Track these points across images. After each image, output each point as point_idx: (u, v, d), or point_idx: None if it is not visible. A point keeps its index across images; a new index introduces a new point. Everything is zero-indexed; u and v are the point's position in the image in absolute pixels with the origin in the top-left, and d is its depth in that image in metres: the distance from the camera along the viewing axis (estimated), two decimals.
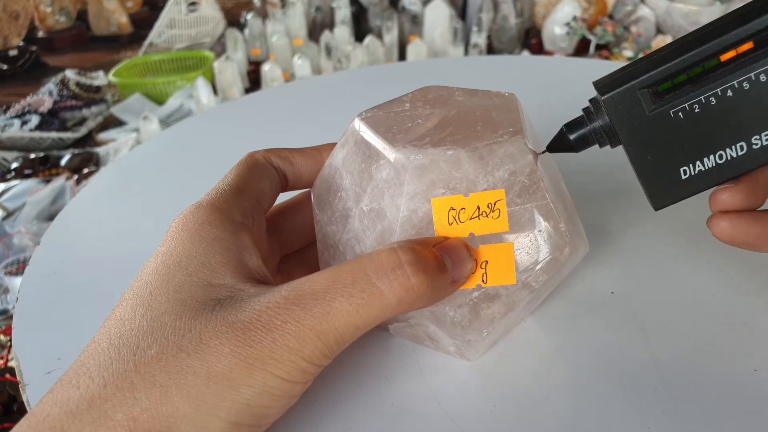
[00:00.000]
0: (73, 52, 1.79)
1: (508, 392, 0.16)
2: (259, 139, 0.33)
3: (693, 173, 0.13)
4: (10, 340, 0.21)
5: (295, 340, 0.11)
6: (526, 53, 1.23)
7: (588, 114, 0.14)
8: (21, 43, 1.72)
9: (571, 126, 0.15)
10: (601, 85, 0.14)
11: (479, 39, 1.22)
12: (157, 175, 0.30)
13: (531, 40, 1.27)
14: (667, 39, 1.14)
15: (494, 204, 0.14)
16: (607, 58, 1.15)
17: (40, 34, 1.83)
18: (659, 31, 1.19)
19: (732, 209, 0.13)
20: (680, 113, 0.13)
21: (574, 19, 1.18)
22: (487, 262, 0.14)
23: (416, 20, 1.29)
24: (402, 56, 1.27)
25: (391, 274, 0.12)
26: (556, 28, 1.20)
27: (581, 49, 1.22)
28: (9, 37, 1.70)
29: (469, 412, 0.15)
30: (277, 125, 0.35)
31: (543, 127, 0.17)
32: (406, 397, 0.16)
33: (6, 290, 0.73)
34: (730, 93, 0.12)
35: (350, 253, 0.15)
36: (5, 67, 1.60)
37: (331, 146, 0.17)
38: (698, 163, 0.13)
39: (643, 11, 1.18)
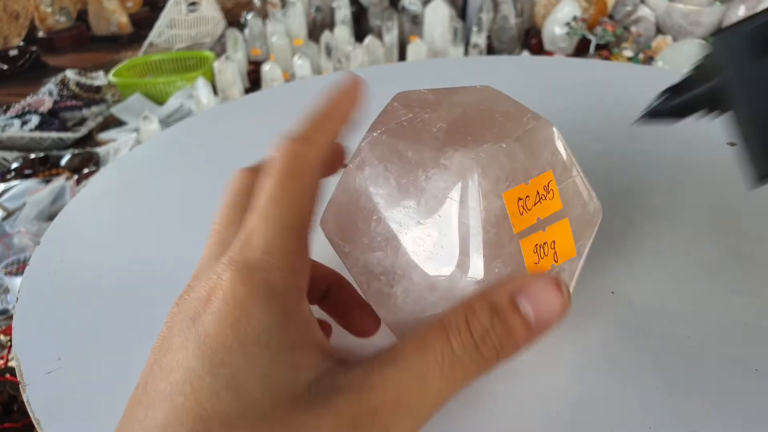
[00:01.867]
0: (73, 52, 1.79)
1: (509, 392, 0.16)
2: (259, 139, 0.33)
3: None
4: (11, 340, 0.21)
5: (393, 423, 0.11)
6: (526, 53, 1.23)
7: (694, 75, 0.12)
8: (21, 43, 1.72)
9: (675, 89, 0.13)
10: (715, 31, 0.12)
11: (479, 39, 1.22)
12: (158, 175, 0.30)
13: (531, 40, 1.28)
14: (667, 39, 1.14)
15: (547, 185, 0.14)
16: (607, 58, 1.15)
17: (41, 34, 1.83)
18: (659, 31, 1.19)
19: None
20: None
21: (574, 19, 1.18)
22: (554, 241, 0.14)
23: (416, 20, 1.29)
24: (402, 56, 1.27)
25: (472, 350, 0.11)
26: (556, 28, 1.20)
27: (581, 49, 1.22)
28: (9, 37, 1.70)
29: (469, 411, 0.15)
30: (277, 125, 0.35)
31: None
32: None
33: (6, 290, 0.73)
34: None
35: (416, 273, 0.14)
36: (5, 67, 1.60)
37: (339, 99, 0.14)
38: None
39: (643, 11, 1.18)
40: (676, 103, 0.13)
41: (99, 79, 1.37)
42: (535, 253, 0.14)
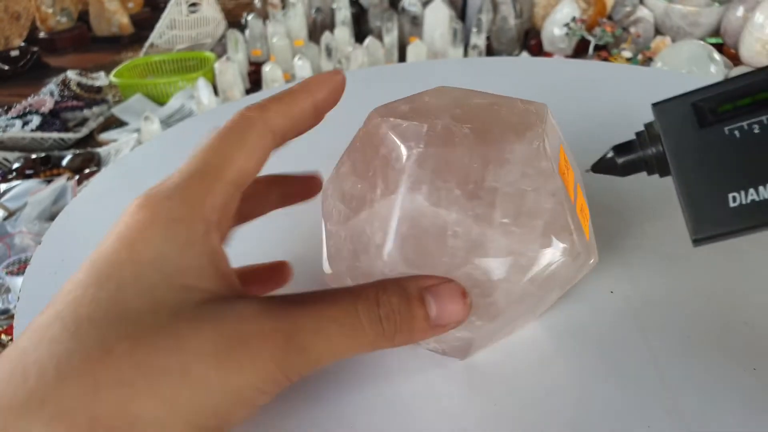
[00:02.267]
0: (75, 53, 1.79)
1: (509, 392, 0.16)
2: None
3: (744, 201, 0.12)
4: (12, 340, 0.21)
5: (280, 351, 0.11)
6: (525, 54, 1.23)
7: (640, 138, 0.13)
8: (22, 44, 1.72)
9: (621, 149, 0.13)
10: (658, 101, 0.13)
11: (479, 40, 1.22)
12: (158, 175, 0.30)
13: (530, 41, 1.28)
14: (666, 40, 1.14)
15: (565, 156, 0.15)
16: (606, 59, 1.15)
17: (42, 34, 1.83)
18: (658, 32, 1.19)
19: None
20: (737, 132, 0.11)
21: (573, 20, 1.18)
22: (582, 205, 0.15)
23: (416, 21, 1.29)
24: (402, 57, 1.27)
25: (374, 319, 0.12)
26: (555, 29, 1.20)
27: (580, 50, 1.22)
28: (10, 37, 1.70)
29: (469, 411, 0.15)
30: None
31: None
32: (406, 397, 0.16)
33: (7, 290, 0.73)
34: None
35: (512, 274, 0.14)
36: (7, 67, 1.60)
37: (318, 83, 0.15)
38: (751, 190, 0.11)
39: (642, 12, 1.19)
40: (621, 161, 0.13)
41: (100, 79, 1.37)
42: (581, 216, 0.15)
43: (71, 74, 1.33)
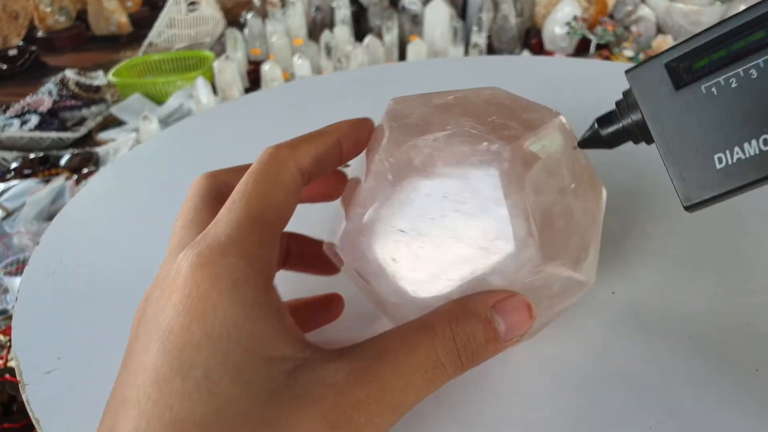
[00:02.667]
0: (73, 52, 1.79)
1: (509, 392, 0.16)
2: (259, 139, 0.33)
3: (731, 161, 0.11)
4: (10, 340, 0.21)
5: (377, 416, 0.11)
6: (526, 53, 1.23)
7: (620, 107, 0.13)
8: (20, 43, 1.72)
9: (603, 121, 0.13)
10: (630, 67, 0.12)
11: (479, 39, 1.22)
12: (157, 175, 0.30)
13: (531, 39, 1.27)
14: (668, 39, 1.14)
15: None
16: (607, 58, 1.15)
17: (40, 33, 1.82)
18: (659, 30, 1.19)
19: None
20: (714, 89, 0.11)
21: (575, 18, 1.18)
22: None
23: (416, 20, 1.29)
24: (402, 56, 1.27)
25: (454, 357, 0.12)
26: (556, 27, 1.20)
27: (581, 48, 1.22)
28: (8, 36, 1.70)
29: (469, 412, 0.15)
30: (277, 125, 0.35)
31: None
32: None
33: (5, 290, 0.73)
34: None
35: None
36: (5, 66, 1.60)
37: (349, 127, 0.15)
38: (737, 149, 0.11)
39: (644, 11, 1.18)
40: (605, 133, 0.13)
41: (98, 78, 1.37)
42: None
43: (70, 73, 1.32)
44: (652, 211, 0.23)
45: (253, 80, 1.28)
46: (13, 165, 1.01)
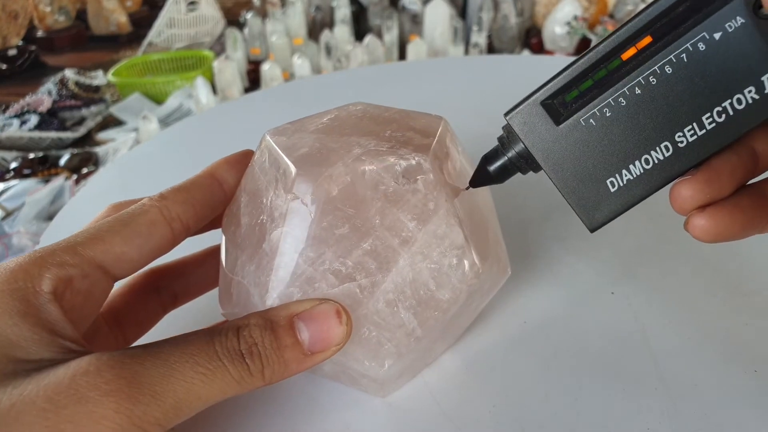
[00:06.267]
0: (73, 52, 1.79)
1: (508, 392, 0.16)
2: (259, 138, 0.33)
3: (622, 183, 0.12)
4: None
5: (127, 401, 0.10)
6: (526, 53, 1.23)
7: (502, 142, 0.14)
8: (20, 43, 1.72)
9: (489, 157, 0.14)
10: (509, 109, 0.13)
11: (479, 38, 1.22)
12: (157, 174, 0.30)
13: (531, 39, 1.27)
14: None
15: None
16: None
17: (40, 33, 1.82)
18: None
19: (696, 205, 0.12)
20: (591, 120, 0.12)
21: (575, 18, 1.18)
22: None
23: (416, 19, 1.29)
24: (402, 56, 1.26)
25: (235, 356, 0.11)
26: (556, 27, 1.20)
27: (582, 48, 1.21)
28: (8, 36, 1.70)
29: (469, 412, 0.15)
30: (277, 125, 0.35)
31: None
32: (405, 399, 0.16)
33: None
34: (638, 91, 0.11)
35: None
36: (4, 66, 1.60)
37: (226, 164, 0.15)
38: (624, 171, 0.12)
39: None
40: (492, 169, 0.14)
41: (98, 78, 1.37)
42: None
43: (69, 73, 1.32)
44: (651, 212, 0.23)
45: (253, 80, 1.27)
46: (13, 165, 1.01)
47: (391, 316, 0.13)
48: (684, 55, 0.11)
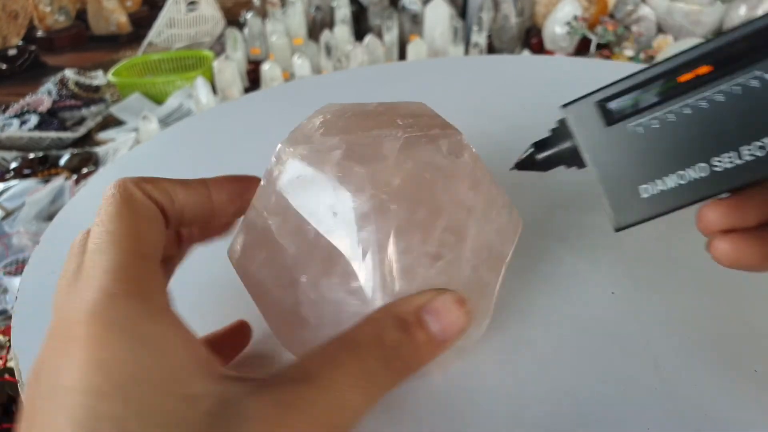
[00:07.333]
0: (73, 52, 1.79)
1: (509, 392, 0.16)
2: (259, 138, 0.33)
3: (654, 192, 0.13)
4: (9, 341, 0.21)
5: None
6: (526, 52, 1.23)
7: (555, 133, 0.14)
8: (20, 43, 1.72)
9: (539, 145, 0.15)
10: (566, 102, 0.14)
11: (480, 38, 1.22)
12: (156, 175, 0.30)
13: (531, 39, 1.27)
14: (668, 38, 1.14)
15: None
16: (608, 57, 1.15)
17: (39, 33, 1.82)
18: (660, 30, 1.19)
19: (720, 228, 0.12)
20: (639, 128, 0.13)
21: (575, 18, 1.18)
22: None
23: (416, 19, 1.29)
24: (402, 56, 1.26)
25: (386, 365, 0.11)
26: (556, 27, 1.20)
27: (582, 48, 1.21)
28: (8, 36, 1.70)
29: (469, 412, 0.15)
30: (277, 125, 0.35)
31: (542, 126, 0.17)
32: (405, 398, 0.16)
33: (5, 290, 0.73)
34: (688, 111, 0.12)
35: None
36: (4, 66, 1.60)
37: (224, 179, 0.14)
38: (659, 181, 0.13)
39: (644, 11, 1.18)
40: (540, 157, 0.15)
41: (98, 78, 1.37)
42: None
43: (69, 73, 1.32)
44: None
45: (253, 80, 1.27)
46: (13, 165, 1.01)
47: (477, 280, 0.14)
48: (738, 88, 0.12)
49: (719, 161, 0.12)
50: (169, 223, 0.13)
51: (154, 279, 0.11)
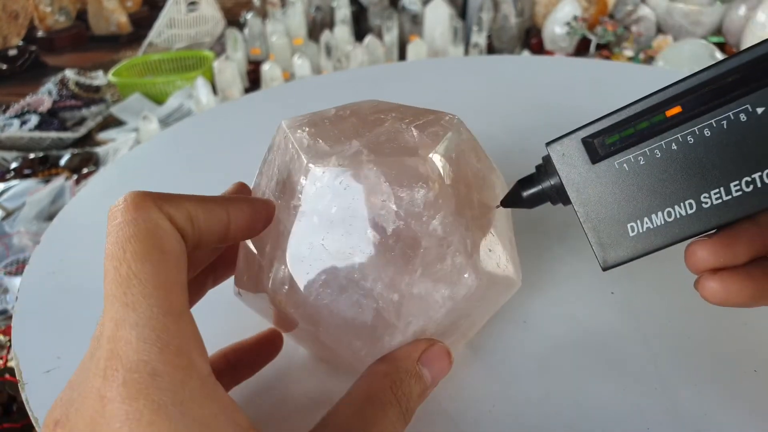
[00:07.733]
0: (73, 52, 1.79)
1: (508, 392, 0.16)
2: (259, 138, 0.33)
3: (641, 230, 0.13)
4: (10, 341, 0.21)
5: None
6: (526, 53, 1.23)
7: (540, 171, 0.14)
8: (20, 43, 1.72)
9: (524, 182, 0.14)
10: (551, 140, 0.13)
11: (479, 38, 1.22)
12: (157, 175, 0.30)
13: (531, 39, 1.27)
14: (668, 39, 1.14)
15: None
16: (607, 57, 1.15)
17: (40, 33, 1.82)
18: (660, 30, 1.19)
19: (709, 266, 0.12)
20: (625, 165, 0.12)
21: (575, 18, 1.18)
22: None
23: (416, 20, 1.29)
24: (402, 56, 1.27)
25: (402, 416, 0.13)
26: (556, 27, 1.20)
27: (582, 48, 1.22)
28: (8, 36, 1.70)
29: (468, 412, 0.15)
30: (277, 125, 0.35)
31: (542, 127, 0.17)
32: None
33: (5, 290, 0.73)
34: (674, 147, 0.12)
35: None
36: (5, 66, 1.60)
37: (244, 204, 0.13)
38: (646, 219, 0.12)
39: (644, 11, 1.18)
40: (525, 195, 0.14)
41: (98, 78, 1.37)
42: None
43: (69, 73, 1.32)
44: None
45: (253, 80, 1.28)
46: (13, 165, 1.01)
47: (496, 240, 0.15)
48: (725, 122, 0.11)
49: (707, 197, 0.12)
50: (186, 248, 0.12)
51: (192, 341, 0.10)
